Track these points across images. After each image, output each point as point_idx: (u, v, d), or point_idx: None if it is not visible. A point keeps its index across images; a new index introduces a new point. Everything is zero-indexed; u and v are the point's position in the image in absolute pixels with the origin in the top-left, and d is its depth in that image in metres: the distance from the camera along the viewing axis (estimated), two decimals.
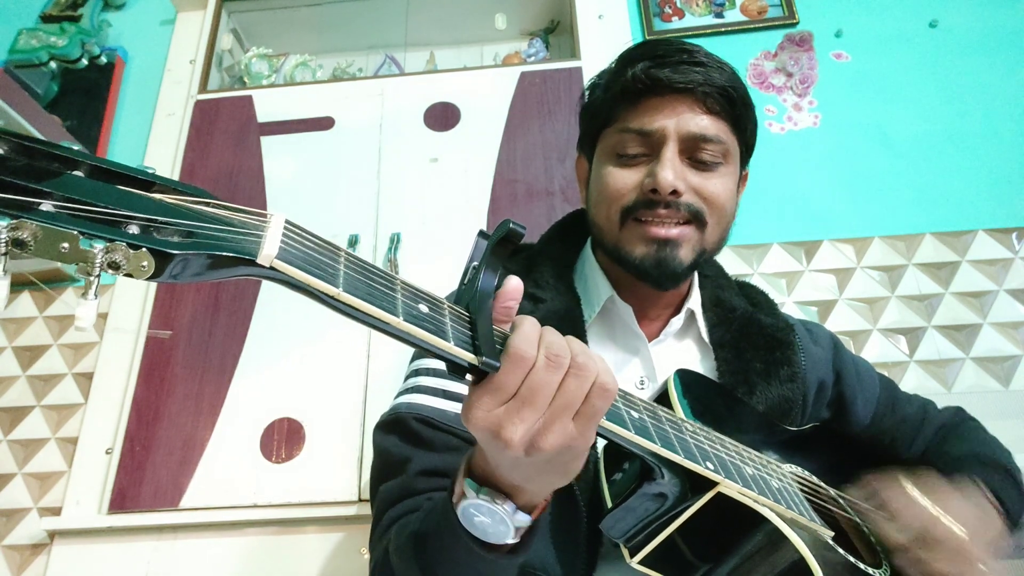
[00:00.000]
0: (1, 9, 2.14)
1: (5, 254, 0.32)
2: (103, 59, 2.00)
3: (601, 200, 0.89)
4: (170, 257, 0.36)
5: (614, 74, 0.90)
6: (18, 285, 1.72)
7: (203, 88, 1.91)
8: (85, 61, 1.98)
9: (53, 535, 1.44)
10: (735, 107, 0.87)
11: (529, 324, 0.50)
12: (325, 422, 1.48)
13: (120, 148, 1.89)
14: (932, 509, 0.77)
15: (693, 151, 0.85)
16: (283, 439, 1.47)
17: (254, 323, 1.58)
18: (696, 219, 0.85)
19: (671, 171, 0.83)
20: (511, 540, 0.58)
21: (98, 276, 0.34)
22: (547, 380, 0.49)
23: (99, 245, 0.34)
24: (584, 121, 0.96)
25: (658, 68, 0.84)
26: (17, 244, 0.32)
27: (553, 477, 0.55)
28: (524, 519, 0.57)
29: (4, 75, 1.82)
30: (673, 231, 0.84)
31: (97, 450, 1.50)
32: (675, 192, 0.83)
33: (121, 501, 1.42)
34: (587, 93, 0.96)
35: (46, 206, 0.33)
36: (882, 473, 0.83)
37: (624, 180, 0.86)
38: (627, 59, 0.89)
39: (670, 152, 0.84)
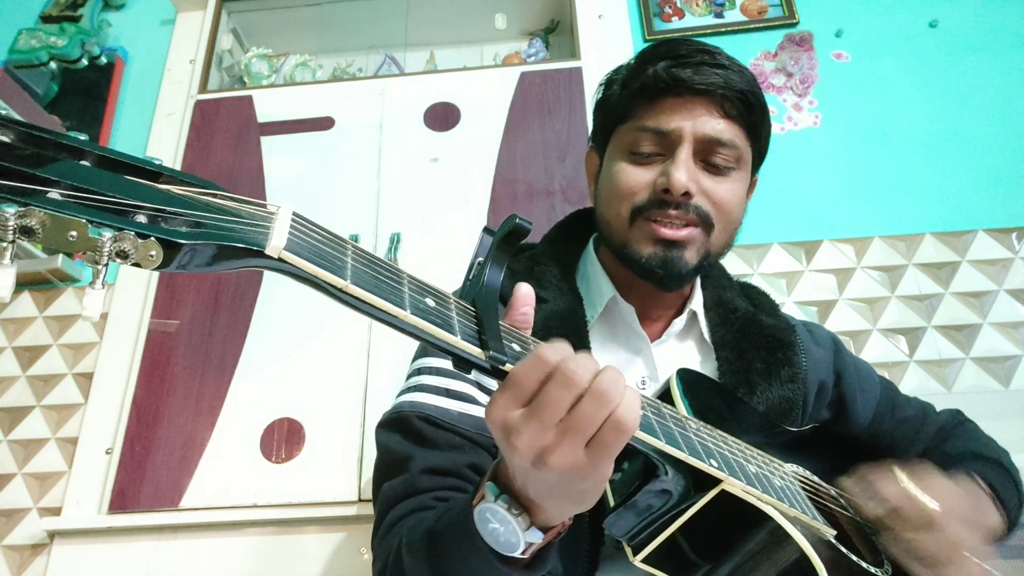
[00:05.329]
0: (1, 9, 2.13)
1: (13, 242, 0.32)
2: (103, 59, 1.99)
3: (612, 197, 0.88)
4: (178, 247, 0.36)
5: (633, 71, 0.89)
6: (18, 285, 1.72)
7: (203, 88, 1.91)
8: (85, 61, 1.98)
9: (53, 535, 1.43)
10: (752, 113, 0.86)
11: (562, 342, 0.50)
12: (325, 422, 1.48)
13: (120, 148, 1.81)
14: (912, 488, 0.76)
15: (707, 154, 0.85)
16: (283, 439, 1.46)
17: (254, 323, 1.58)
18: (704, 222, 0.85)
19: (684, 172, 0.82)
20: (519, 554, 0.56)
21: (106, 265, 0.34)
22: (556, 395, 0.48)
23: (107, 234, 0.33)
24: (599, 116, 0.96)
25: (679, 68, 0.84)
26: (25, 232, 0.32)
27: (566, 502, 0.54)
28: (536, 536, 0.56)
29: (4, 75, 1.82)
30: (681, 232, 0.84)
31: (97, 450, 1.50)
32: (687, 194, 0.83)
33: (121, 501, 1.42)
34: (603, 88, 0.95)
35: (54, 194, 0.33)
36: (877, 465, 0.82)
37: (636, 178, 0.86)
38: (647, 57, 0.88)
39: (684, 153, 0.83)
